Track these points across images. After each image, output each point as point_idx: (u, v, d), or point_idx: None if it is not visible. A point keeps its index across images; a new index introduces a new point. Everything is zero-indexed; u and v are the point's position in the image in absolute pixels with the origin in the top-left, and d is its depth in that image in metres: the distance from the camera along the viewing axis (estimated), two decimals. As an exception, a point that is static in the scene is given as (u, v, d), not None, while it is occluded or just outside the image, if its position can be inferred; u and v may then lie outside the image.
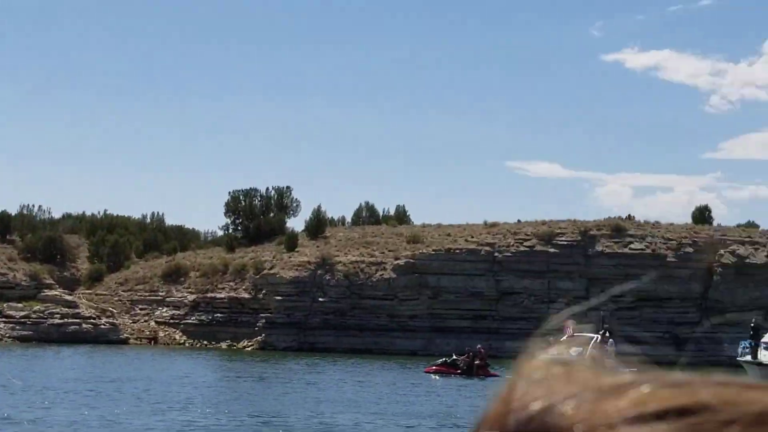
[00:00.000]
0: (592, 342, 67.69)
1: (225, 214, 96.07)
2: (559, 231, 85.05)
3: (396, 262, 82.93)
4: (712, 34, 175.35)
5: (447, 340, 75.30)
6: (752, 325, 55.18)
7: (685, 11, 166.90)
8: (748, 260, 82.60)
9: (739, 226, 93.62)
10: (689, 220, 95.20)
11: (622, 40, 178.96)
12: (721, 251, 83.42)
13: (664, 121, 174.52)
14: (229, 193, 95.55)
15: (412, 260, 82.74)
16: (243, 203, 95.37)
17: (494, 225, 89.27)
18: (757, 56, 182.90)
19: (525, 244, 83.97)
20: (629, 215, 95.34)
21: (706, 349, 79.37)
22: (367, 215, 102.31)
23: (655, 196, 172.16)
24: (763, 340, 52.44)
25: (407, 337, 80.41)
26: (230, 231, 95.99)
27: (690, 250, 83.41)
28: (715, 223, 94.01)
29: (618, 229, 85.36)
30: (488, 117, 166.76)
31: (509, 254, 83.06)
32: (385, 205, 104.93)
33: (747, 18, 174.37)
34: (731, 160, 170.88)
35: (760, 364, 50.69)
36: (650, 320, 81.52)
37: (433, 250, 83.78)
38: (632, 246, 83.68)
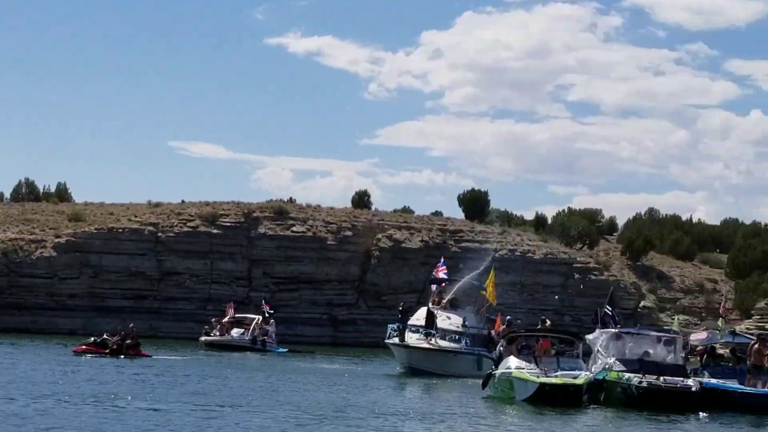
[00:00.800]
0: (254, 323, 68.97)
1: None
2: (222, 212, 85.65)
3: (57, 240, 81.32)
4: (372, 22, 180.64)
5: (108, 319, 74.45)
6: (400, 308, 56.88)
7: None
8: (403, 245, 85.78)
9: (395, 211, 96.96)
10: (349, 205, 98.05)
11: (286, 25, 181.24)
12: (379, 236, 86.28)
13: (324, 106, 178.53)
14: None
15: (73, 238, 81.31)
16: None
17: (158, 205, 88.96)
18: (414, 47, 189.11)
19: (189, 224, 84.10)
20: (291, 198, 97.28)
21: (362, 331, 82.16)
22: (26, 191, 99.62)
23: (314, 180, 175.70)
24: (410, 322, 54.12)
25: (67, 316, 79.04)
26: None
27: (349, 233, 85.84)
28: (373, 208, 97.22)
29: (280, 211, 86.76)
30: (150, 95, 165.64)
31: (172, 234, 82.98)
32: (46, 182, 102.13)
33: (405, 9, 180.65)
34: (388, 147, 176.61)
35: (407, 346, 52.36)
36: (309, 302, 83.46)
37: (96, 229, 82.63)
38: (294, 229, 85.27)
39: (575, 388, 35.10)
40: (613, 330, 38.53)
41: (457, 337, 52.69)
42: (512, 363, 37.66)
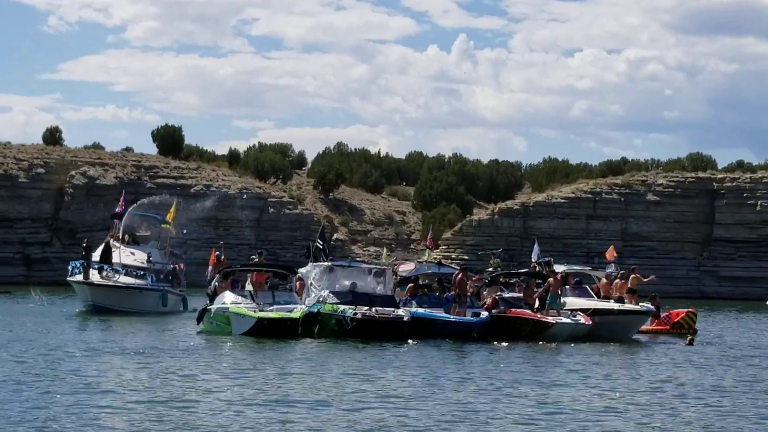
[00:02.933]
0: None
1: None
2: None
3: None
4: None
5: None
6: (84, 245, 55.15)
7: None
8: (98, 181, 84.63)
9: (87, 147, 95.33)
10: (36, 141, 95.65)
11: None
12: (73, 172, 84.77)
13: (1, 39, 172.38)
14: None
15: None
16: None
17: None
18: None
19: None
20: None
21: (56, 269, 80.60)
22: None
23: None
24: (93, 259, 52.44)
25: None
26: None
27: (42, 170, 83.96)
28: (64, 144, 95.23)
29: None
30: None
31: None
32: None
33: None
34: (70, 82, 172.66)
35: (91, 283, 50.27)
36: (1, 241, 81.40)
37: None
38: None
39: (292, 322, 36.06)
40: (325, 263, 39.67)
41: (141, 273, 51.66)
42: (228, 298, 38.24)
